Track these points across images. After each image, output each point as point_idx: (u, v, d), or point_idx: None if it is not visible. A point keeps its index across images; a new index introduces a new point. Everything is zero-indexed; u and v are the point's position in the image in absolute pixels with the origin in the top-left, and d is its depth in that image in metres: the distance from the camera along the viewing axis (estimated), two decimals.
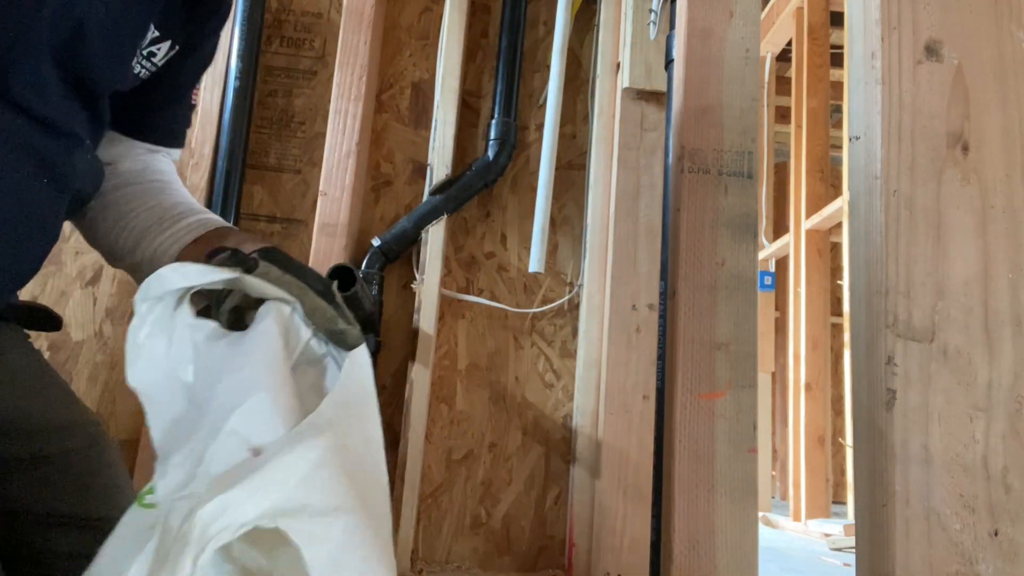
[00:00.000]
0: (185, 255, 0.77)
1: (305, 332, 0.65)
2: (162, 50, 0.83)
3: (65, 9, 0.69)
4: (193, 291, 0.62)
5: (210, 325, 0.62)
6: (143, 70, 0.83)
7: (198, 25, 0.88)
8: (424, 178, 1.83)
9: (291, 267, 0.66)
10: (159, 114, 0.92)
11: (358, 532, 0.52)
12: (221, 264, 0.63)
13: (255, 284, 0.64)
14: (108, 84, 0.78)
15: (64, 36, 0.70)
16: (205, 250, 0.70)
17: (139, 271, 0.82)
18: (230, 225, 0.84)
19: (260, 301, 0.65)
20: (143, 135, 0.90)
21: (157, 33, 0.81)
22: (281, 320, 0.63)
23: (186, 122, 0.98)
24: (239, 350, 0.59)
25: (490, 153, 1.80)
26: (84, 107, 0.75)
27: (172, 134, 0.94)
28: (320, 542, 0.49)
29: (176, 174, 0.94)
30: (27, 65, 0.68)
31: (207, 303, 0.66)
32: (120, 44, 0.77)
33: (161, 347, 0.59)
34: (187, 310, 0.62)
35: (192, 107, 0.98)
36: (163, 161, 0.92)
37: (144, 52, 0.81)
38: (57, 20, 0.69)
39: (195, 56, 0.91)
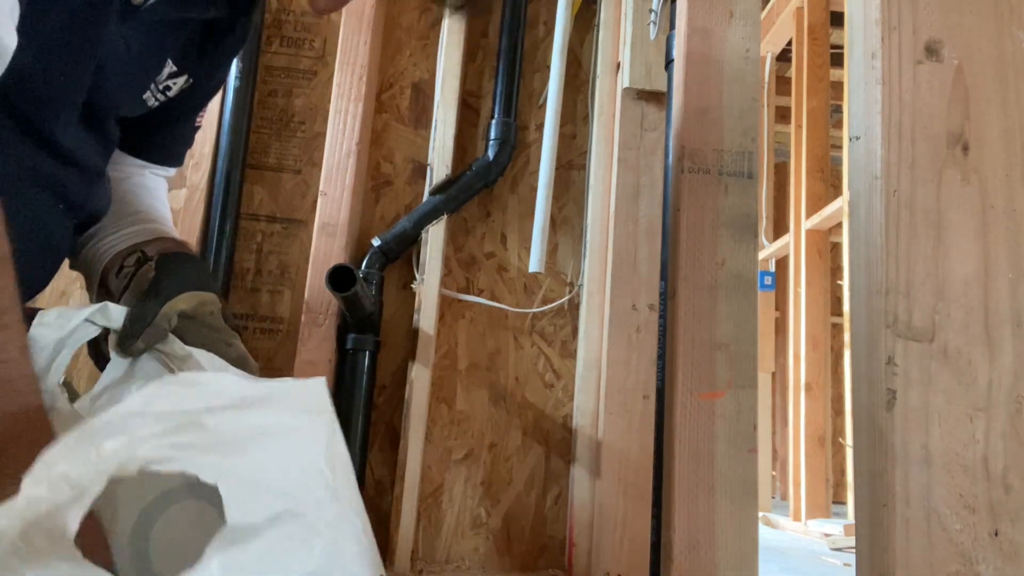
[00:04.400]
0: (115, 259, 0.81)
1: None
2: (178, 84, 0.84)
3: (92, 49, 0.70)
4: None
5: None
6: (155, 100, 0.83)
7: (213, 59, 0.89)
8: (424, 178, 1.83)
9: (169, 275, 0.72)
10: (158, 135, 0.92)
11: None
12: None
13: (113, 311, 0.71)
14: (118, 112, 0.80)
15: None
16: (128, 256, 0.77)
17: (85, 272, 0.85)
18: (171, 235, 0.86)
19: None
20: (139, 154, 0.91)
21: (175, 68, 0.82)
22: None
23: (187, 143, 0.98)
24: None
25: (490, 153, 1.80)
26: (94, 132, 0.77)
27: (168, 154, 0.95)
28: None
29: (162, 188, 0.95)
30: (68, 113, 0.70)
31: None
32: (137, 79, 0.79)
33: None
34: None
35: (196, 128, 0.97)
36: (149, 176, 0.93)
37: (160, 87, 0.82)
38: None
39: (206, 85, 0.92)
